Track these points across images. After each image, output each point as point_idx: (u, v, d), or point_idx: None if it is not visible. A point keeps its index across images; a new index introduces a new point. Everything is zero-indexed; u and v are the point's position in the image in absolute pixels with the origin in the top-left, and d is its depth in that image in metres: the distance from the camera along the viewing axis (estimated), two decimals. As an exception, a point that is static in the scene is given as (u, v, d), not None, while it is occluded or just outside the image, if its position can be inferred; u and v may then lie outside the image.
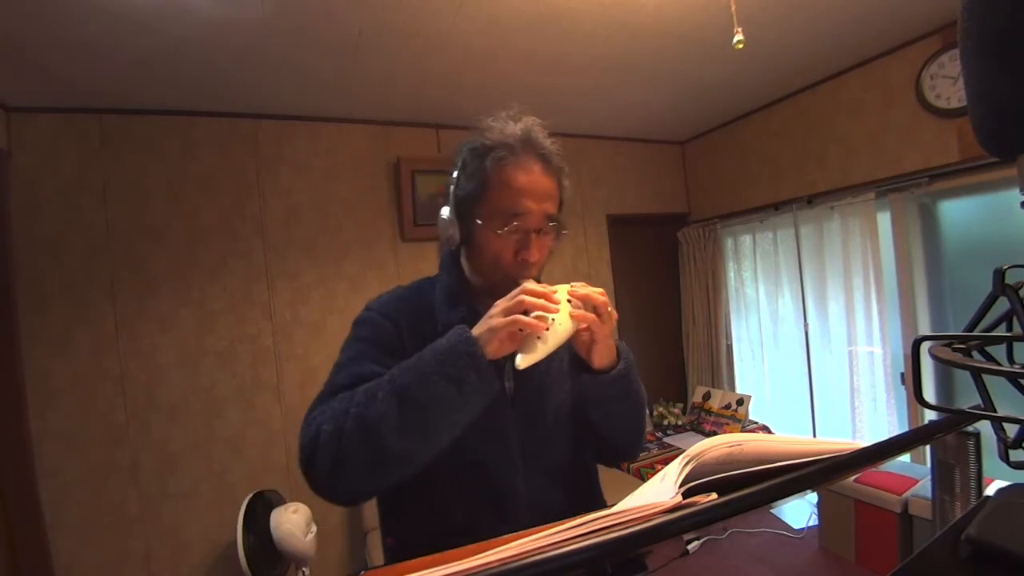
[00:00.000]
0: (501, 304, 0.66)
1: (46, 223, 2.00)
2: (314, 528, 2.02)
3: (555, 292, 0.70)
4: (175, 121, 2.22)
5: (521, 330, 0.64)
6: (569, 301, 0.69)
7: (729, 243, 3.42)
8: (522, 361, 0.63)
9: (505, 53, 2.05)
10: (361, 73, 2.10)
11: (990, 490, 0.48)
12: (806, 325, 2.89)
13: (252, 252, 2.36)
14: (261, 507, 1.96)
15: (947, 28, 2.12)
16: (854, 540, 2.18)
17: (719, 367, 3.40)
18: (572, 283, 0.73)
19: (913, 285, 2.41)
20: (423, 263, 2.73)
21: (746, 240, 3.29)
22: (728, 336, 3.39)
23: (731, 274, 3.42)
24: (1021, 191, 0.36)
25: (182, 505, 2.15)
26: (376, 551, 2.23)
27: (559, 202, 0.79)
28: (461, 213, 0.78)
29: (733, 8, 1.58)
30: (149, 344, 2.14)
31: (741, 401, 2.90)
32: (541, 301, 0.65)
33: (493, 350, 0.64)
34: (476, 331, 0.65)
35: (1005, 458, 0.38)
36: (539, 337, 0.63)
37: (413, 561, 0.42)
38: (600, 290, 0.72)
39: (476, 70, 2.18)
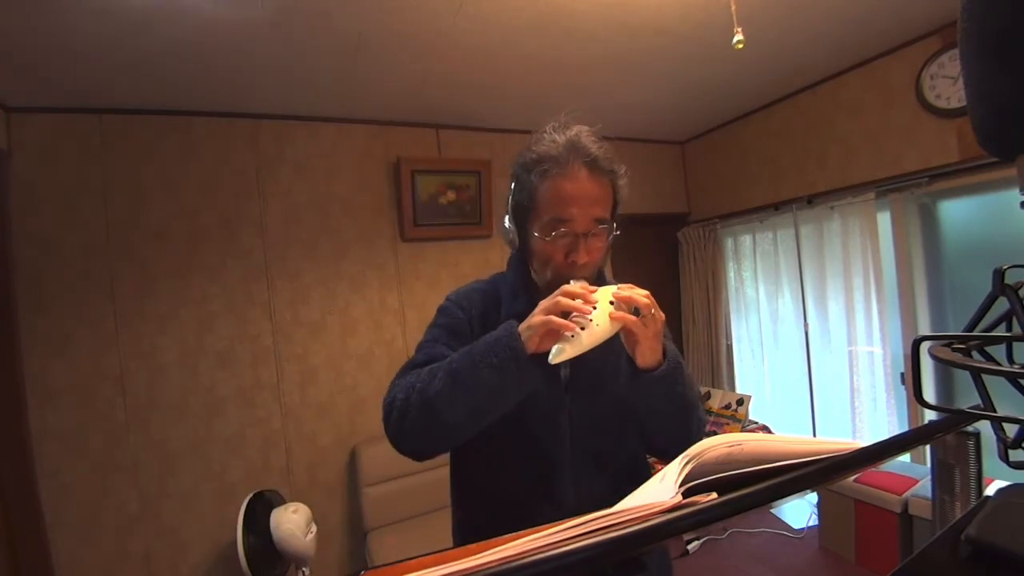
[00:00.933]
0: (542, 304, 0.72)
1: (46, 223, 2.00)
2: (314, 528, 2.02)
3: (595, 292, 0.73)
4: (175, 121, 2.22)
5: (556, 328, 0.69)
6: (612, 303, 0.72)
7: (729, 243, 3.42)
8: (553, 357, 0.67)
9: (505, 53, 2.05)
10: (361, 73, 2.10)
11: (990, 490, 0.48)
12: (806, 325, 2.89)
13: (252, 252, 2.36)
14: (261, 507, 1.96)
15: (947, 28, 2.12)
16: (854, 540, 2.18)
17: (719, 367, 3.40)
18: (620, 285, 0.75)
19: (913, 285, 2.41)
20: (423, 263, 2.73)
21: (746, 240, 3.29)
22: (728, 336, 3.39)
23: (731, 274, 3.42)
24: (1021, 191, 0.36)
25: (182, 505, 2.15)
26: (376, 551, 2.23)
27: (612, 203, 0.84)
28: (517, 222, 0.86)
29: (733, 8, 1.58)
30: (149, 344, 2.14)
31: (741, 401, 2.90)
32: (577, 302, 0.69)
33: (533, 345, 0.69)
34: (522, 327, 0.71)
35: (1005, 458, 0.38)
36: (572, 335, 0.68)
37: (413, 561, 0.42)
38: (645, 292, 0.74)
39: (476, 70, 2.18)
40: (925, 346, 0.40)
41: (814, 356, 2.88)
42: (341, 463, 2.47)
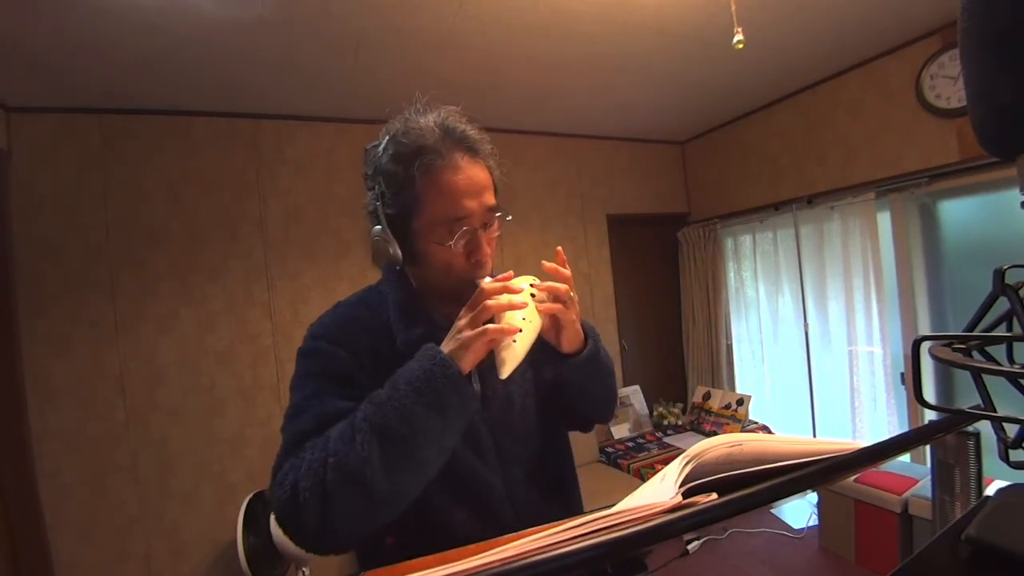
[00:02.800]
0: (466, 316, 0.63)
1: (46, 223, 2.00)
2: (314, 528, 2.02)
3: (517, 288, 0.68)
4: (175, 121, 2.22)
5: (492, 339, 0.61)
6: (533, 295, 0.68)
7: (729, 243, 3.42)
8: (504, 370, 0.61)
9: (505, 53, 2.05)
10: (361, 73, 2.10)
11: (990, 490, 0.48)
12: (806, 325, 2.89)
13: (252, 252, 2.36)
14: (261, 507, 1.96)
15: (947, 28, 2.12)
16: (854, 540, 2.18)
17: (719, 367, 3.40)
18: (529, 276, 0.72)
19: (913, 285, 2.41)
20: (423, 263, 2.73)
21: (746, 240, 3.29)
22: (728, 336, 3.39)
23: (731, 274, 3.42)
24: (1021, 191, 0.36)
25: (182, 505, 2.15)
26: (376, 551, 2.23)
27: (495, 188, 0.74)
28: (398, 230, 0.71)
29: (733, 8, 1.58)
30: (149, 344, 2.14)
31: (741, 401, 2.90)
32: (505, 301, 0.63)
33: (468, 364, 0.61)
34: (446, 348, 0.61)
35: (1005, 458, 0.38)
36: (514, 340, 0.62)
37: (413, 561, 0.42)
38: (564, 273, 0.71)
39: (476, 70, 2.18)
40: (925, 346, 0.40)
41: (814, 356, 2.88)
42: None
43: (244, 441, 2.29)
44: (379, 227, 0.73)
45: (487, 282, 0.66)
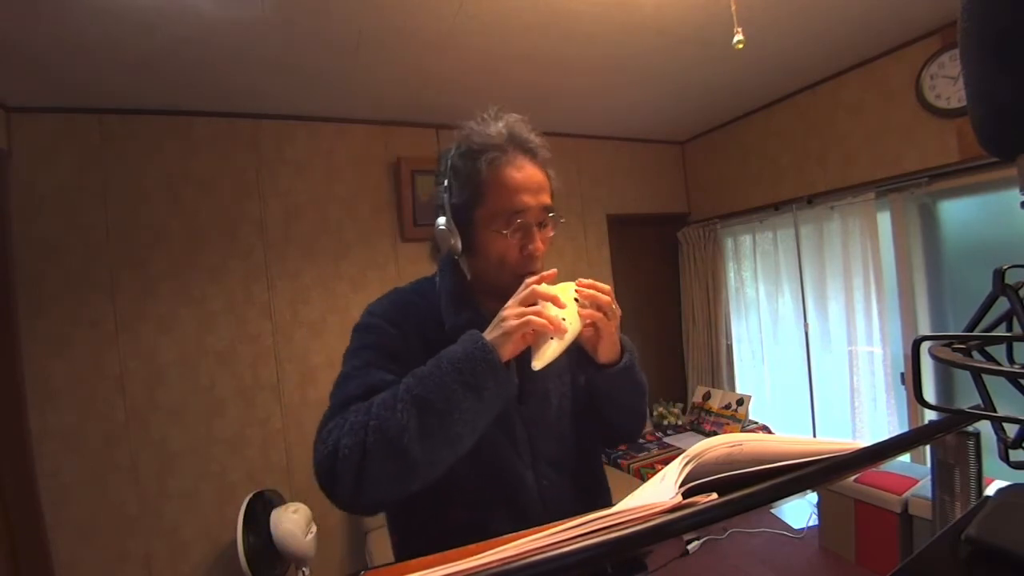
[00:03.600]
0: (511, 306, 0.67)
1: (46, 223, 2.00)
2: (314, 528, 2.02)
3: (563, 295, 0.70)
4: (175, 121, 2.22)
5: (534, 330, 0.64)
6: (576, 300, 0.70)
7: (729, 243, 3.42)
8: (537, 362, 0.63)
9: (505, 53, 2.05)
10: (361, 73, 2.10)
11: (990, 490, 0.48)
12: (806, 325, 2.89)
13: (252, 252, 2.36)
14: (261, 507, 1.96)
15: (947, 28, 2.12)
16: (854, 540, 2.18)
17: (719, 367, 3.40)
18: (578, 279, 0.74)
19: (913, 285, 2.41)
20: (423, 263, 2.70)
21: (746, 240, 3.29)
22: (728, 336, 3.39)
23: (731, 274, 3.42)
24: (1021, 191, 0.36)
25: (182, 505, 2.15)
26: (376, 551, 2.23)
27: (551, 193, 0.81)
28: (460, 220, 0.77)
29: (733, 8, 1.58)
30: (149, 344, 2.14)
31: (741, 401, 2.90)
32: (551, 295, 0.66)
33: (508, 352, 0.64)
34: (489, 335, 0.65)
35: (1005, 458, 0.38)
36: (552, 337, 0.64)
37: (413, 561, 0.42)
38: (606, 287, 0.73)
39: (476, 70, 2.18)
40: (925, 346, 0.40)
41: (814, 356, 2.88)
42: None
43: (244, 441, 2.28)
44: (443, 218, 0.78)
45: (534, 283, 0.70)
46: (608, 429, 0.87)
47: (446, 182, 0.79)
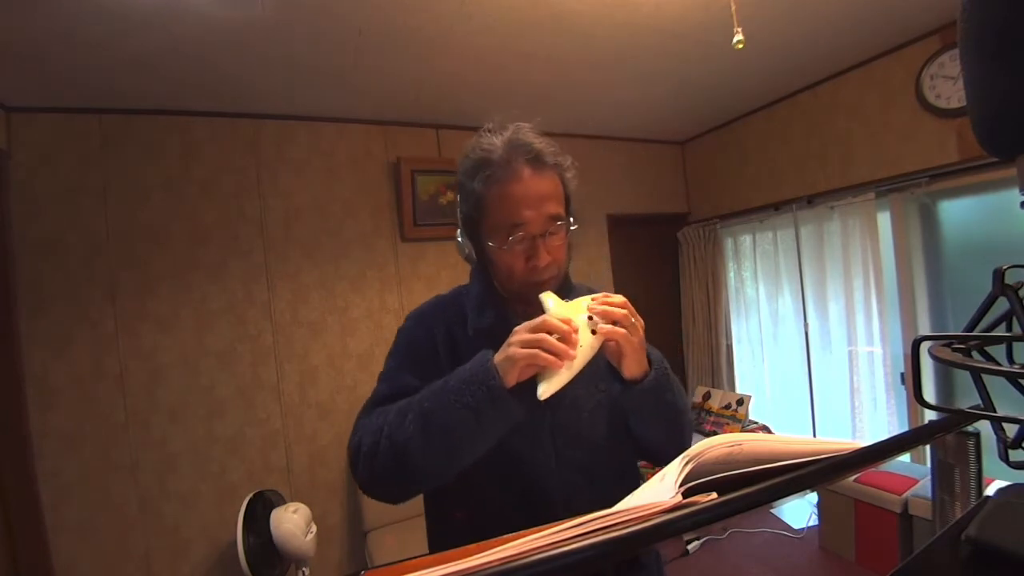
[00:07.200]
0: (521, 333, 0.65)
1: (46, 223, 2.00)
2: (314, 528, 2.02)
3: (570, 304, 0.69)
4: (175, 121, 2.22)
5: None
6: (590, 318, 0.67)
7: (729, 243, 3.42)
8: (543, 391, 0.62)
9: (505, 53, 2.05)
10: (361, 73, 2.10)
11: (990, 490, 0.48)
12: (806, 325, 2.89)
13: (252, 252, 2.36)
14: (261, 507, 1.96)
15: (947, 28, 2.12)
16: (854, 540, 2.18)
17: (719, 367, 3.40)
18: (593, 295, 0.71)
19: (913, 285, 2.41)
20: (423, 263, 2.73)
21: (746, 240, 3.29)
22: (728, 336, 3.39)
23: (731, 274, 3.42)
24: (1021, 191, 0.36)
25: (182, 505, 2.15)
26: (376, 551, 2.23)
27: (564, 197, 0.79)
28: (470, 233, 0.81)
29: (733, 8, 1.58)
30: (149, 344, 2.14)
31: (741, 401, 2.90)
32: (562, 336, 0.64)
33: (513, 379, 0.64)
34: (498, 358, 0.65)
35: (1005, 458, 0.38)
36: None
37: (413, 561, 0.42)
38: (621, 300, 0.69)
39: (476, 70, 2.18)
40: (925, 346, 0.40)
41: (814, 356, 2.88)
42: (341, 463, 2.47)
43: (244, 441, 2.28)
44: (460, 229, 0.84)
45: (551, 308, 0.69)
46: (640, 447, 0.84)
47: (458, 196, 0.81)
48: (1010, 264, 0.41)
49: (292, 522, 1.92)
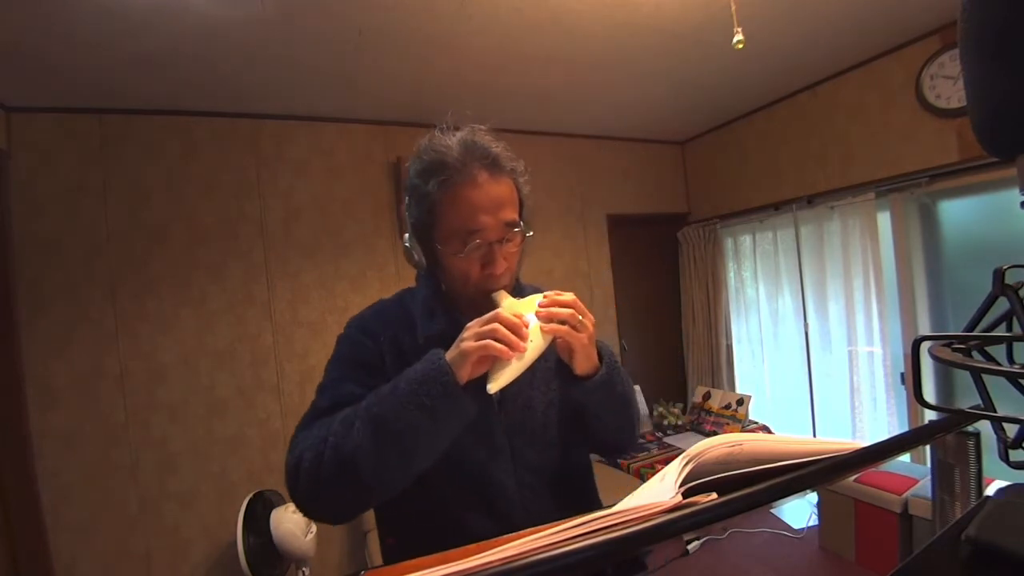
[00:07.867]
0: (473, 327, 0.65)
1: (46, 223, 2.00)
2: (314, 528, 2.02)
3: (520, 303, 0.70)
4: (175, 121, 2.22)
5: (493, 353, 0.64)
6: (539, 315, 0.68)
7: (729, 243, 3.42)
8: (493, 384, 0.62)
9: (505, 53, 2.05)
10: (361, 73, 2.10)
11: (990, 490, 0.48)
12: (806, 325, 2.89)
13: (252, 252, 2.36)
14: (261, 507, 1.96)
15: (947, 28, 2.12)
16: (854, 540, 2.18)
17: (719, 367, 3.40)
18: (544, 293, 0.71)
19: (913, 285, 2.40)
20: (423, 263, 2.73)
21: (746, 240, 3.29)
22: (728, 336, 3.39)
23: (731, 274, 3.42)
24: (1021, 191, 0.36)
25: (182, 505, 2.15)
26: (376, 551, 2.23)
27: (518, 203, 0.77)
28: (421, 238, 0.77)
29: (733, 8, 1.58)
30: (149, 344, 2.14)
31: (741, 401, 2.90)
32: (512, 328, 0.64)
33: (466, 374, 0.63)
34: (450, 355, 0.64)
35: (1005, 458, 0.38)
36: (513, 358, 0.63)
37: (413, 561, 0.42)
38: (569, 299, 0.69)
39: (476, 70, 2.18)
40: (925, 346, 0.40)
41: (814, 356, 2.88)
42: (341, 463, 2.46)
43: (244, 441, 2.28)
44: (407, 234, 0.79)
45: (503, 305, 0.69)
46: (594, 440, 0.85)
47: (407, 199, 0.77)
48: (1010, 264, 0.41)
49: (292, 522, 1.92)
